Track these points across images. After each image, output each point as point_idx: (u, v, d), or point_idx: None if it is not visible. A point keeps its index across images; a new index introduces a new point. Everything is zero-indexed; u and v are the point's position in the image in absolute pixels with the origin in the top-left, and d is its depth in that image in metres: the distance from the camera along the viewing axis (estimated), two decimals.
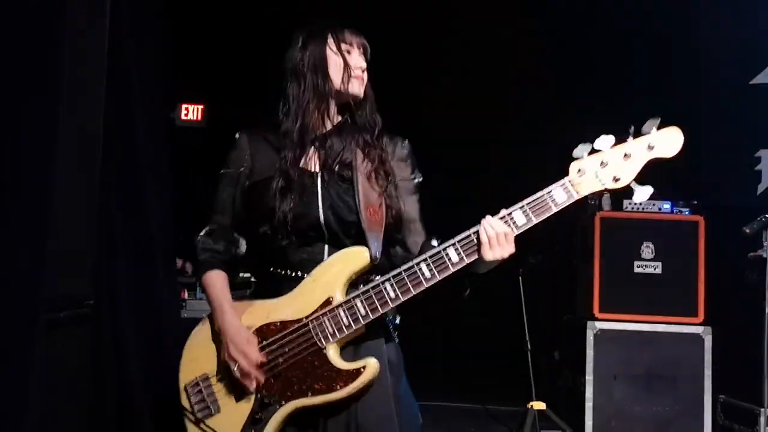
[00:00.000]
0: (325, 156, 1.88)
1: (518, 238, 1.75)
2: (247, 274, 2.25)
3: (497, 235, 1.70)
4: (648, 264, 4.18)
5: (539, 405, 4.05)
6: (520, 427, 4.04)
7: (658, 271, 4.17)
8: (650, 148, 1.71)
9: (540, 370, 4.47)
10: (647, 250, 4.19)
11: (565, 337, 4.72)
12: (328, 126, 1.91)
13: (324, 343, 1.74)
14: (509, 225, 1.71)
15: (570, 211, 1.82)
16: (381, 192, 1.85)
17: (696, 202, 4.42)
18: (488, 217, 1.73)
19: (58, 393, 2.13)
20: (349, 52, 1.87)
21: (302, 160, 1.87)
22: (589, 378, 4.06)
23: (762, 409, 3.79)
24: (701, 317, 4.14)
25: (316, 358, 1.74)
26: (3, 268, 1.86)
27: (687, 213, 4.29)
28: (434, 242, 1.82)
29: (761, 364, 3.64)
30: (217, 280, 1.89)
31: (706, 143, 6.42)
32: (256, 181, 1.87)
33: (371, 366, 1.71)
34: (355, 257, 1.79)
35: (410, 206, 1.91)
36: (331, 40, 1.87)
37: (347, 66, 1.85)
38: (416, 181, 1.94)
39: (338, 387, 1.71)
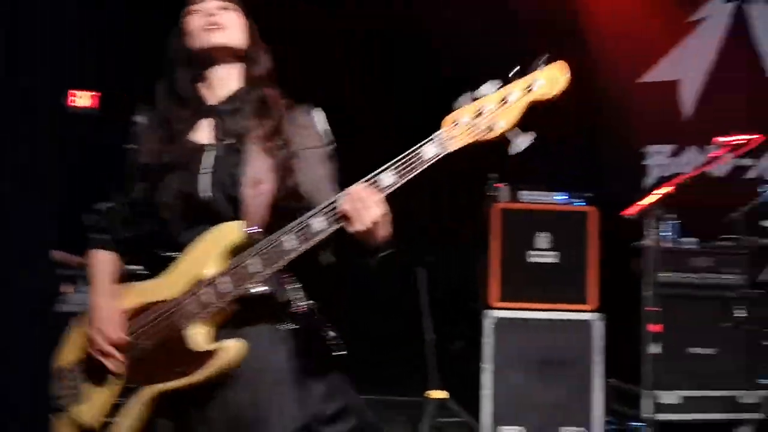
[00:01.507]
0: (215, 128, 1.79)
1: (418, 233, 1.71)
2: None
3: (360, 198, 1.58)
4: (544, 253, 4.29)
5: (438, 394, 4.07)
6: (420, 416, 4.06)
7: (553, 260, 4.29)
8: (528, 90, 1.57)
9: (443, 359, 4.51)
10: (543, 239, 4.30)
11: (466, 326, 4.78)
12: (222, 95, 1.81)
13: (186, 323, 1.65)
14: (373, 186, 1.60)
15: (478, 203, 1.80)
16: (276, 163, 1.75)
17: (590, 194, 4.56)
18: (353, 187, 1.63)
19: None
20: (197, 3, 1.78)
21: (191, 134, 1.78)
22: (487, 366, 4.13)
23: (643, 390, 3.98)
24: (592, 304, 4.29)
25: (177, 340, 1.65)
26: None
27: (581, 204, 4.41)
28: None
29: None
30: (100, 258, 1.81)
31: (600, 138, 6.71)
32: (147, 161, 1.78)
33: (228, 349, 1.61)
34: (226, 232, 1.68)
35: (319, 175, 1.81)
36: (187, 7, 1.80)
37: (196, 14, 1.76)
38: (327, 149, 1.85)
39: (194, 370, 1.61)
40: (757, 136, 2.63)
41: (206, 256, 1.67)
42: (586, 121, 6.61)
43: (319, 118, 1.86)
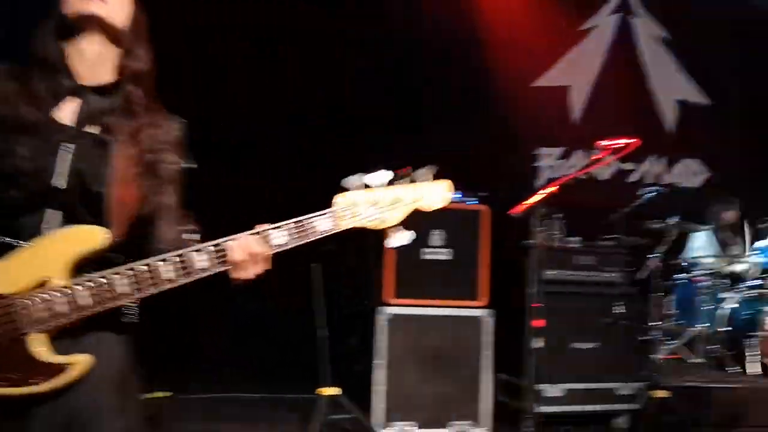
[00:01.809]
0: (80, 111, 1.65)
1: None
2: None
3: (251, 253, 1.61)
4: (437, 251, 4.35)
5: (330, 391, 4.06)
6: (312, 413, 4.03)
7: (446, 257, 4.36)
8: (417, 199, 1.71)
9: (338, 356, 4.49)
10: (437, 237, 4.36)
11: (361, 322, 4.78)
12: (101, 79, 1.69)
13: (31, 328, 1.51)
14: (267, 244, 1.63)
15: None
16: (140, 173, 1.66)
17: (485, 194, 4.66)
18: (246, 235, 1.62)
19: None
20: None
21: (53, 109, 1.62)
22: (380, 362, 4.15)
23: (528, 384, 4.11)
24: (483, 301, 4.39)
25: (14, 344, 1.50)
26: None
27: (474, 203, 4.50)
28: (194, 236, 1.70)
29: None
30: None
31: (494, 140, 6.88)
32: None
33: (78, 364, 1.52)
34: (86, 237, 1.56)
35: (168, 194, 1.73)
36: None
37: None
38: (180, 167, 1.76)
39: (38, 381, 1.49)
40: (635, 140, 2.76)
41: (57, 258, 1.54)
42: (482, 122, 6.77)
43: (181, 133, 1.79)
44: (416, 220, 4.47)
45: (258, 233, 1.63)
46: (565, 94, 7.50)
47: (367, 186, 1.69)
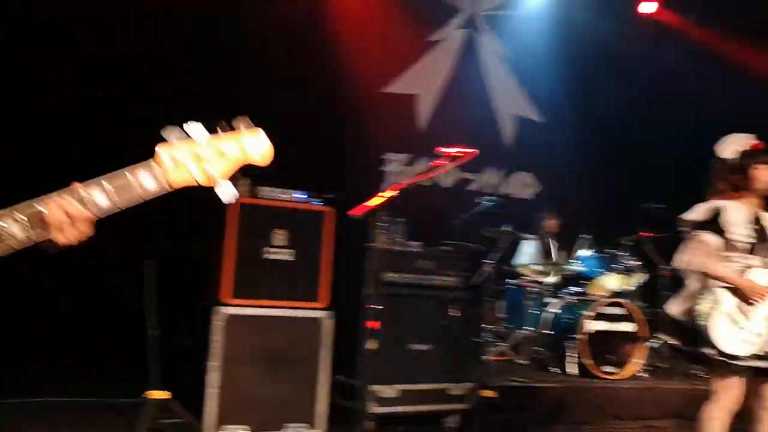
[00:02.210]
0: None
1: (147, 222, 1.59)
2: None
3: (69, 215, 1.47)
4: (279, 251, 4.28)
5: (160, 394, 3.86)
6: (139, 418, 3.82)
7: (289, 257, 4.29)
8: (243, 149, 1.64)
9: (171, 358, 4.28)
10: (279, 237, 4.29)
11: (196, 323, 4.60)
12: None
13: None
14: (84, 201, 1.49)
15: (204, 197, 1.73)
16: None
17: (331, 195, 4.64)
18: (62, 196, 1.49)
19: None
20: None
21: None
22: (214, 364, 4.01)
23: (363, 385, 4.16)
24: (324, 302, 4.37)
25: None
26: None
27: (319, 204, 4.47)
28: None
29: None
30: None
31: (342, 143, 6.93)
32: None
33: None
34: None
35: None
36: None
37: None
38: None
39: None
40: (473, 150, 2.87)
41: None
42: (331, 125, 6.79)
43: None
44: (259, 220, 4.37)
45: (74, 191, 1.50)
46: (413, 102, 7.70)
47: (188, 138, 1.58)
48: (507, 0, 8.18)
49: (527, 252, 6.92)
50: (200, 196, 1.78)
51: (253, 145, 1.64)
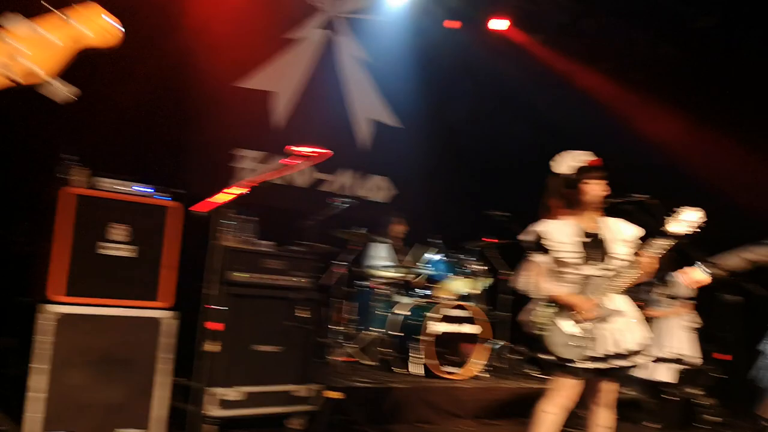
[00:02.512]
0: None
1: None
2: None
3: None
4: (118, 246, 4.02)
5: None
6: None
7: (129, 254, 4.05)
8: (75, 30, 1.32)
9: None
10: (119, 231, 4.03)
11: (17, 322, 4.22)
12: None
13: None
14: None
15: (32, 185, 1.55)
16: None
17: (180, 191, 4.42)
18: None
19: None
20: None
21: None
22: (39, 366, 3.69)
23: (205, 388, 4.02)
24: (166, 302, 4.17)
25: None
26: None
27: (164, 199, 4.25)
28: None
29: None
30: None
31: (194, 136, 6.67)
32: None
33: None
34: None
35: None
36: None
37: None
38: None
39: None
40: (326, 151, 2.84)
41: None
42: (181, 117, 6.52)
43: None
44: (97, 213, 4.08)
45: None
46: (268, 100, 7.57)
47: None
48: (367, 4, 8.27)
49: (378, 254, 7.02)
50: (27, 175, 1.60)
51: (88, 20, 1.33)
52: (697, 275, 3.93)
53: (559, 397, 3.48)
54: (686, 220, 3.43)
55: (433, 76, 8.31)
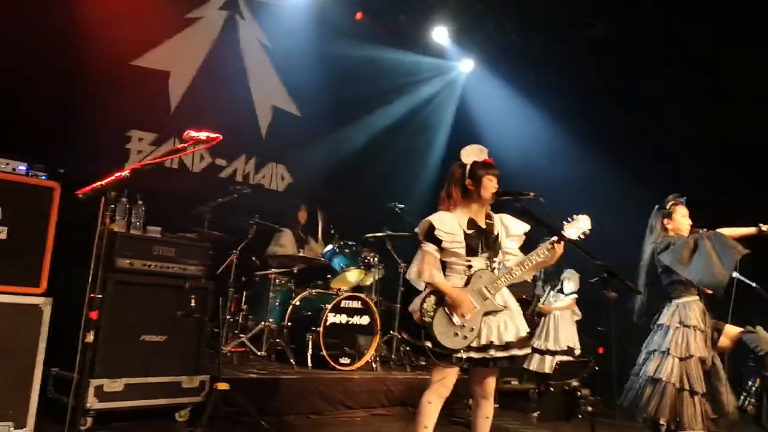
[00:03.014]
0: None
1: None
2: None
3: None
4: None
5: None
6: None
7: (2, 236, 3.78)
8: None
9: None
10: None
11: None
12: None
13: None
14: None
15: None
16: None
17: (61, 170, 4.16)
18: None
19: None
20: None
21: None
22: None
23: (85, 379, 3.83)
24: (43, 287, 3.93)
25: None
26: None
27: (43, 178, 3.98)
28: None
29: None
30: None
31: (83, 115, 6.32)
32: None
33: None
34: None
35: None
36: None
37: None
38: None
39: None
40: (217, 136, 2.75)
41: None
42: (69, 94, 6.17)
43: None
44: None
45: None
46: (165, 80, 7.28)
47: None
48: None
49: (275, 243, 6.93)
50: None
51: None
52: None
53: (440, 387, 3.57)
54: (581, 226, 3.67)
55: (336, 65, 8.26)
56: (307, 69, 8.18)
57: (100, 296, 2.57)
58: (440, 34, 8.88)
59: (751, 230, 4.39)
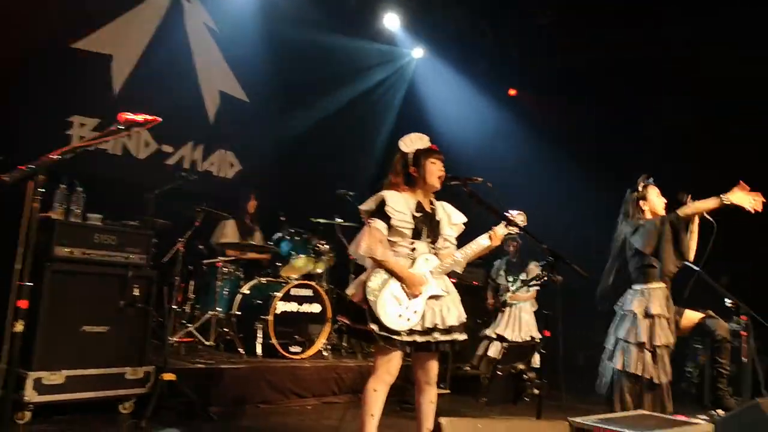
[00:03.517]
0: None
1: None
2: None
3: None
4: None
5: None
6: None
7: None
8: None
9: None
10: None
11: None
12: None
13: None
14: None
15: None
16: None
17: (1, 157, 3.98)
18: None
19: None
20: None
21: None
22: None
23: (20, 371, 3.73)
24: None
25: None
26: None
27: None
28: None
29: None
30: None
31: (19, 102, 6.09)
32: None
33: None
34: None
35: None
36: None
37: None
38: None
39: None
40: (154, 118, 2.66)
41: None
42: (5, 79, 5.93)
43: None
44: None
45: None
46: (107, 64, 7.06)
47: None
48: None
49: (223, 232, 6.81)
50: None
51: None
52: None
53: (384, 373, 3.54)
54: (520, 220, 3.73)
55: (285, 50, 8.14)
56: (255, 54, 8.04)
57: (30, 284, 2.47)
58: (391, 21, 8.85)
59: (712, 202, 4.17)
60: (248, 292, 6.16)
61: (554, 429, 2.66)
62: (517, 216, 3.72)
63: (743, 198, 4.10)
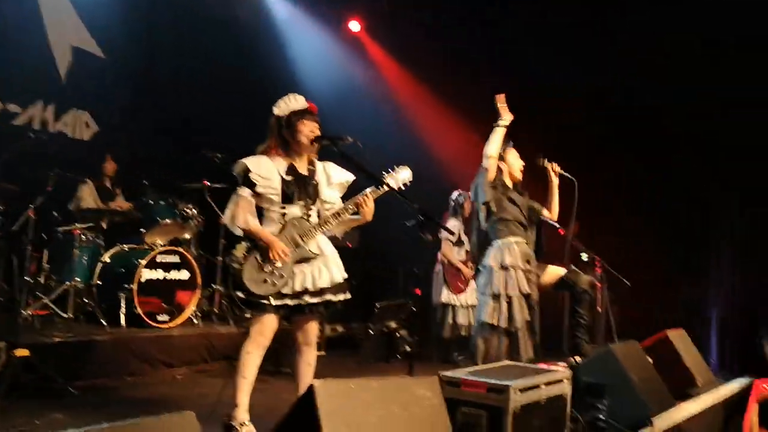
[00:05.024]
0: None
1: None
2: None
3: None
4: None
5: None
6: None
7: None
8: None
9: None
10: None
11: None
12: None
13: None
14: None
15: None
16: None
17: None
18: None
19: None
20: None
21: None
22: None
23: None
24: None
25: None
26: None
27: None
28: None
29: None
30: None
31: None
32: None
33: None
34: None
35: None
36: None
37: None
38: None
39: None
40: None
41: None
42: None
43: None
44: None
45: None
46: None
47: None
48: None
49: (81, 197, 6.39)
50: None
51: None
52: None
53: (257, 335, 3.52)
54: (402, 177, 3.66)
55: (142, 5, 7.66)
56: (111, 6, 7.50)
57: None
58: None
59: (498, 132, 4.62)
60: (109, 260, 5.83)
61: (425, 384, 2.71)
62: (401, 171, 3.67)
63: (505, 109, 4.61)
